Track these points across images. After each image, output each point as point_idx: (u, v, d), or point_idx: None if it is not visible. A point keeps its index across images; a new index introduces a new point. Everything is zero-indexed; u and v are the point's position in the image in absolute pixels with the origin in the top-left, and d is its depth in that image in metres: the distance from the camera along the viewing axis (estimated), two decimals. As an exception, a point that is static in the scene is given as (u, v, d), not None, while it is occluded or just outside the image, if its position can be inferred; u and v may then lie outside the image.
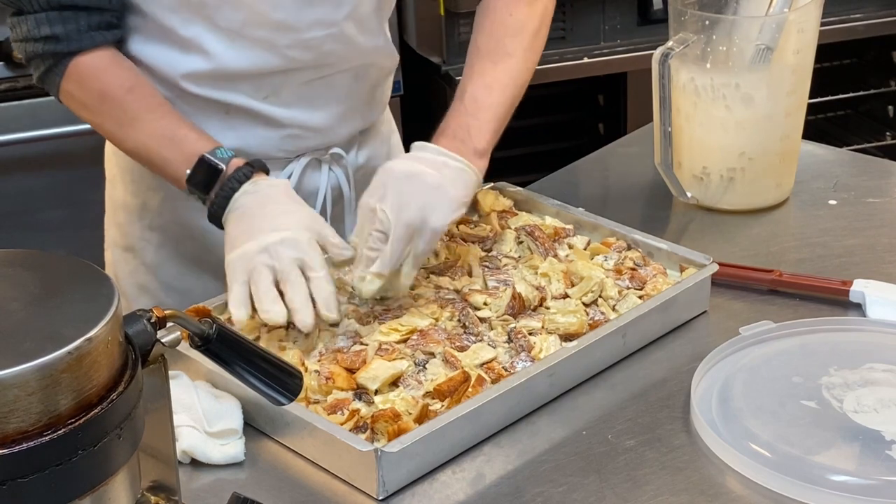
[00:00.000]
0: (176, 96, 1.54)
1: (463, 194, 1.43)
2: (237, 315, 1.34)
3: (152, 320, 0.91)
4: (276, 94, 1.56)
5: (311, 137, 1.62)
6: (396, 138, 1.81)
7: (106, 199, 1.75)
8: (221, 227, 1.45)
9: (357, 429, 1.24)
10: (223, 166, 1.44)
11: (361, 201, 1.42)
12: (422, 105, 3.00)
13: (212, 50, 1.51)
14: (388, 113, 1.79)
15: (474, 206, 1.64)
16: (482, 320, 1.41)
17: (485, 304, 1.42)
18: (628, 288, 1.47)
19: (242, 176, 1.44)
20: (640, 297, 1.45)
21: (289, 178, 1.60)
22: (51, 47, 1.48)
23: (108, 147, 1.71)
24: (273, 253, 1.35)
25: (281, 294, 1.34)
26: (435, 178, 1.41)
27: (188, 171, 1.46)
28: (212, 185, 1.44)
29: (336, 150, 1.65)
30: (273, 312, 1.33)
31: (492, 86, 1.53)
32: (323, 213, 1.64)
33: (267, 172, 1.47)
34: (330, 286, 1.36)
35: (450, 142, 1.47)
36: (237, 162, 1.45)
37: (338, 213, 1.68)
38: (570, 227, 1.60)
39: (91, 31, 1.48)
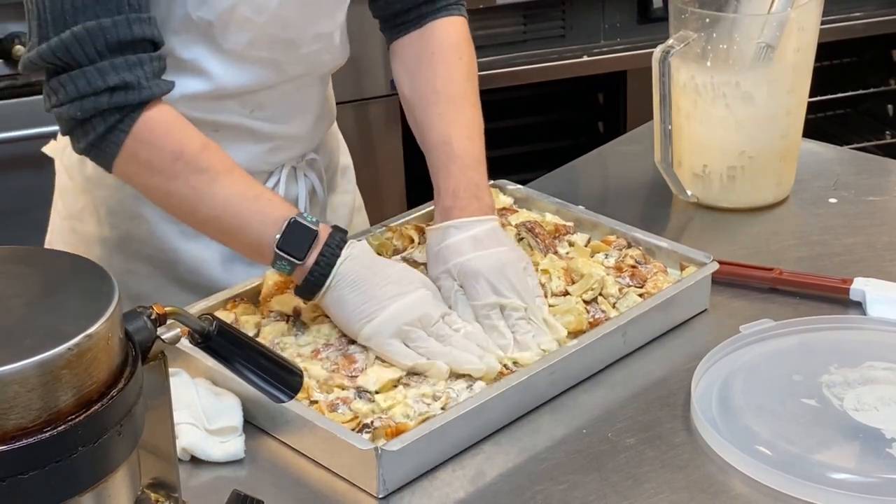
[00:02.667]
0: None
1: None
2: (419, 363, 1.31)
3: (152, 317, 0.91)
4: (260, 108, 1.54)
5: (291, 147, 1.61)
6: (335, 125, 1.77)
7: (63, 234, 1.64)
8: (311, 295, 1.37)
9: (361, 430, 1.24)
10: (317, 230, 1.37)
11: (477, 304, 1.38)
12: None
13: (211, 71, 1.48)
14: None
15: None
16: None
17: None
18: (629, 286, 1.47)
19: (340, 241, 1.37)
20: (641, 296, 1.45)
21: (274, 188, 1.58)
22: (120, 99, 1.34)
23: (72, 179, 1.60)
24: (420, 314, 1.34)
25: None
26: (505, 251, 1.42)
27: (277, 236, 1.35)
28: (305, 249, 1.36)
29: (311, 155, 1.65)
30: (438, 366, 1.31)
31: (472, 137, 1.54)
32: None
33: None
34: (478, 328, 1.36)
35: (474, 204, 1.47)
36: (326, 227, 1.38)
37: (314, 215, 1.65)
38: (570, 224, 1.60)
39: (156, 78, 1.37)
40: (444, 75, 1.56)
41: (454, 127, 1.53)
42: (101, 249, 1.60)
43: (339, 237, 1.38)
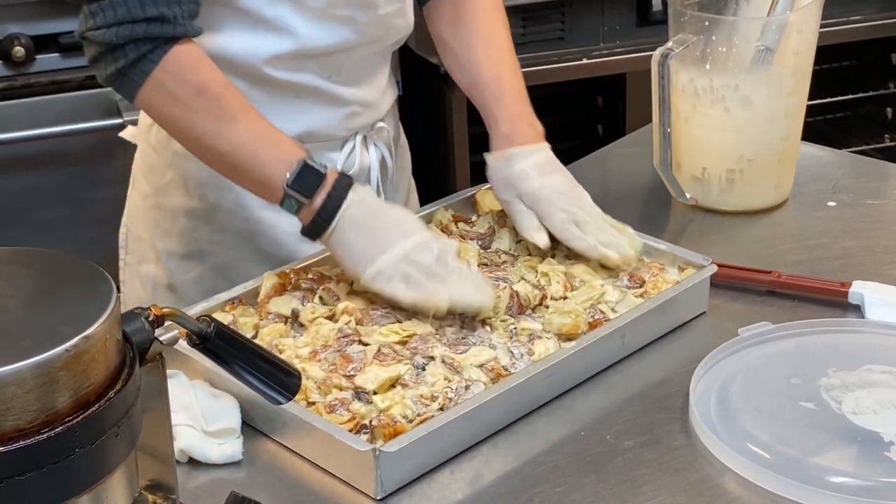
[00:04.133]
0: (250, 87, 1.54)
1: None
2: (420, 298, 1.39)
3: (150, 318, 0.91)
4: (338, 73, 1.60)
5: (365, 113, 1.67)
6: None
7: (146, 211, 1.70)
8: (316, 236, 1.44)
9: (358, 432, 1.24)
10: (325, 172, 1.43)
11: (558, 223, 1.53)
12: (421, 106, 3.00)
13: (296, 29, 1.52)
14: None
15: (473, 205, 1.66)
16: (482, 321, 1.41)
17: (485, 304, 1.42)
18: (628, 287, 1.47)
19: (346, 184, 1.43)
20: (640, 297, 1.45)
21: (349, 155, 1.65)
22: (155, 29, 1.41)
23: (159, 155, 1.66)
24: (420, 255, 1.41)
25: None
26: (563, 179, 1.58)
27: (288, 175, 1.42)
28: (314, 190, 1.42)
29: (381, 124, 1.71)
30: (438, 298, 1.38)
31: (518, 76, 1.68)
32: (375, 187, 1.69)
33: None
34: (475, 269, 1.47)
35: (530, 131, 1.61)
36: (334, 172, 1.44)
37: (385, 186, 1.72)
38: None
39: (190, 19, 1.44)
40: (486, 25, 1.69)
41: (503, 67, 1.66)
42: (189, 221, 1.66)
43: (345, 181, 1.44)
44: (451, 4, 1.70)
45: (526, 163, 1.56)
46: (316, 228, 1.43)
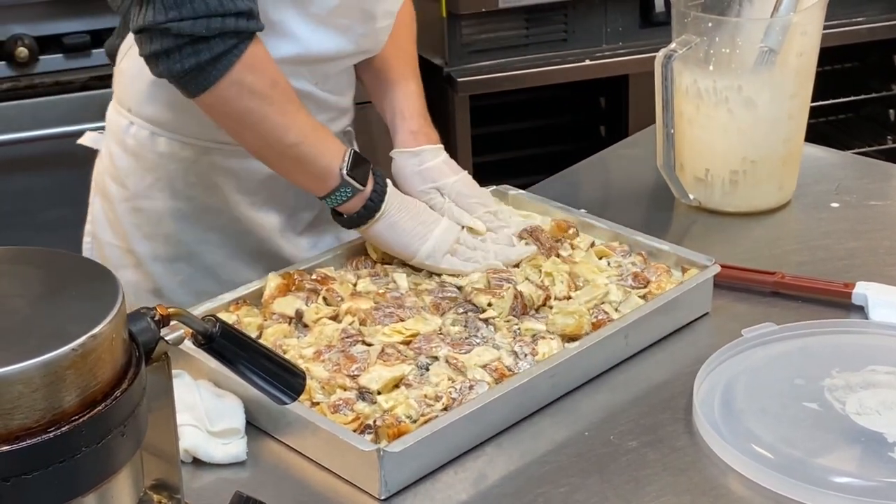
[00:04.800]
0: None
1: None
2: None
3: (156, 318, 0.92)
4: (324, 81, 1.62)
5: (341, 119, 1.70)
6: None
7: (121, 216, 1.67)
8: (364, 221, 1.51)
9: (363, 432, 1.24)
10: (369, 161, 1.53)
11: (480, 214, 1.60)
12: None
13: (298, 34, 1.53)
14: None
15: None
16: (486, 321, 1.41)
17: (489, 304, 1.43)
18: (632, 287, 1.47)
19: (381, 172, 1.54)
20: (644, 297, 1.46)
21: None
22: (243, 24, 1.41)
23: (138, 158, 1.63)
24: (456, 233, 1.54)
25: None
26: (467, 175, 1.65)
27: (344, 163, 1.50)
28: (366, 177, 1.51)
29: (349, 128, 1.75)
30: (493, 265, 1.52)
31: (418, 76, 1.73)
32: None
33: None
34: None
35: (434, 132, 1.67)
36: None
37: None
38: (572, 220, 1.60)
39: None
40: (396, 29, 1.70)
41: (409, 69, 1.71)
42: (174, 223, 1.65)
43: (378, 169, 1.54)
44: None
45: (437, 160, 1.62)
46: (368, 213, 1.51)
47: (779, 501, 1.18)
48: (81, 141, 1.75)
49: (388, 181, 1.55)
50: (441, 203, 1.59)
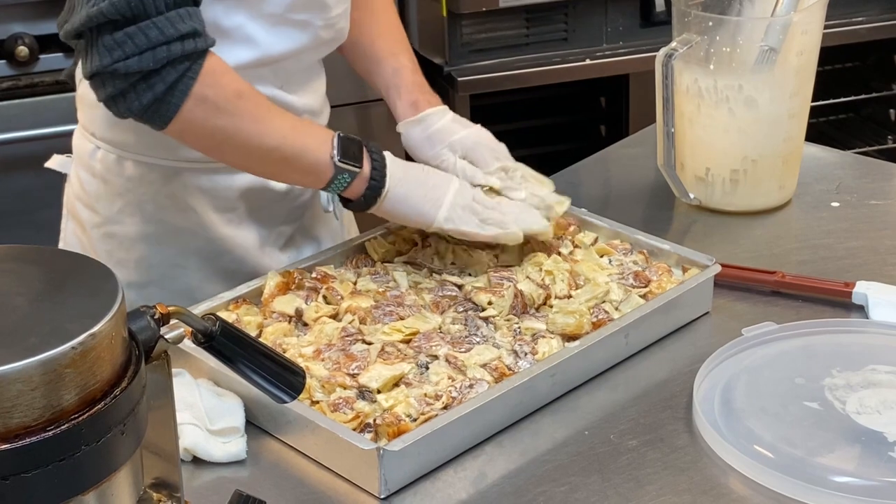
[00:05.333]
0: None
1: None
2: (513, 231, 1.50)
3: (156, 317, 0.91)
4: (288, 81, 1.58)
5: (313, 121, 1.64)
6: None
7: (94, 242, 1.63)
8: (373, 201, 1.48)
9: (362, 430, 1.24)
10: (359, 138, 1.49)
11: (488, 170, 1.58)
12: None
13: (255, 38, 1.50)
14: None
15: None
16: (486, 319, 1.41)
17: (489, 303, 1.42)
18: (633, 286, 1.47)
19: (377, 146, 1.50)
20: (644, 297, 1.46)
21: None
22: (190, 46, 1.37)
23: (107, 183, 1.59)
24: (471, 193, 1.51)
25: None
26: (480, 128, 1.64)
27: (334, 151, 1.46)
28: (360, 158, 1.48)
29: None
30: (511, 230, 1.50)
31: (408, 49, 1.72)
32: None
33: None
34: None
35: (434, 97, 1.67)
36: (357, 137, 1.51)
37: None
38: (571, 220, 1.60)
39: (218, 40, 1.43)
40: (376, 9, 1.72)
41: (398, 44, 1.70)
42: (146, 248, 1.61)
43: (373, 144, 1.51)
44: None
45: (444, 119, 1.61)
46: (373, 194, 1.48)
47: (779, 501, 1.18)
48: (49, 164, 1.71)
49: (386, 153, 1.51)
50: (453, 162, 1.57)
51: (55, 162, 1.71)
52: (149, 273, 1.61)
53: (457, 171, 1.56)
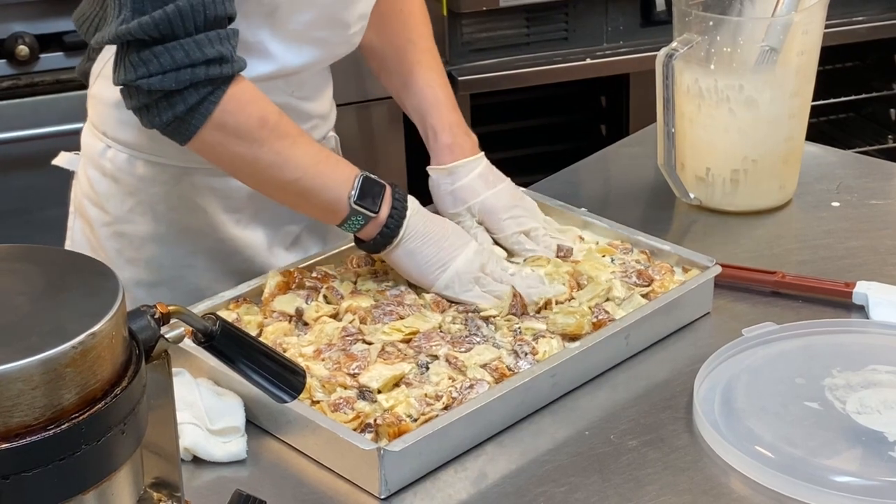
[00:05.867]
0: None
1: None
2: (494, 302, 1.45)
3: (156, 316, 0.91)
4: (300, 89, 1.58)
5: (321, 126, 1.66)
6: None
7: (103, 241, 1.63)
8: (381, 248, 1.46)
9: (363, 430, 1.24)
10: (385, 183, 1.46)
11: (504, 236, 1.57)
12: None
13: (274, 53, 1.50)
14: None
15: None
16: (486, 320, 1.41)
17: (489, 303, 1.43)
18: (636, 285, 1.47)
19: (403, 196, 1.47)
20: (646, 296, 1.45)
21: None
22: (215, 71, 1.36)
23: (118, 182, 1.59)
24: (482, 260, 1.48)
25: None
26: (507, 185, 1.62)
27: (353, 192, 1.44)
28: (378, 203, 1.45)
29: (331, 133, 1.71)
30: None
31: (448, 85, 1.69)
32: None
33: None
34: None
35: (468, 140, 1.63)
36: (389, 184, 1.48)
37: None
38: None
39: (237, 53, 1.41)
40: (415, 29, 1.68)
41: (434, 73, 1.66)
42: (156, 247, 1.61)
43: (400, 191, 1.48)
44: (380, 4, 1.64)
45: (470, 175, 1.59)
46: (383, 241, 1.46)
47: (779, 501, 1.18)
48: (56, 162, 1.71)
49: (413, 202, 1.48)
50: (469, 226, 1.56)
51: (63, 159, 1.71)
52: (159, 272, 1.61)
53: (475, 236, 1.54)
